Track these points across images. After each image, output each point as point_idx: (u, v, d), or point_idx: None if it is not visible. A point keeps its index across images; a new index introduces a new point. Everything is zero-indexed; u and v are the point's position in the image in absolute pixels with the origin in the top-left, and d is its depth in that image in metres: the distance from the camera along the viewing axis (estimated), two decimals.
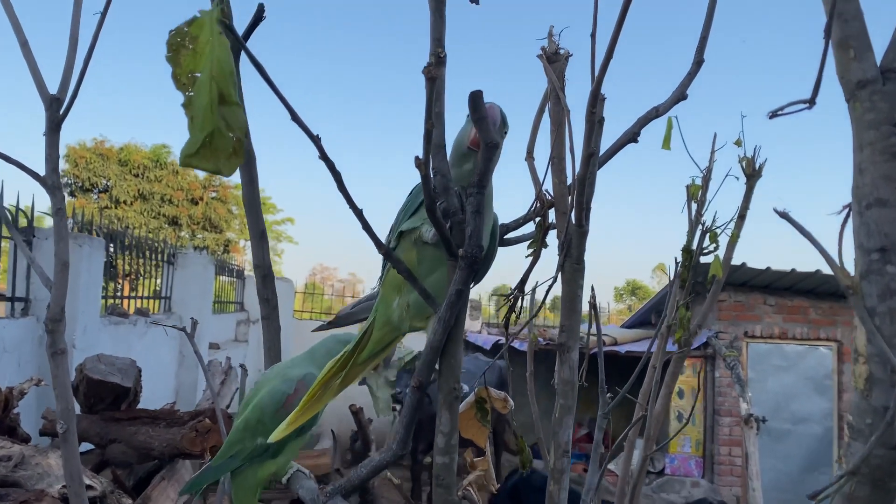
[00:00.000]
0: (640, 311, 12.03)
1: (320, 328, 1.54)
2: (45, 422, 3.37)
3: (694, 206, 2.65)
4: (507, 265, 1.83)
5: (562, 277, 1.40)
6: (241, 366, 2.14)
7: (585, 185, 1.33)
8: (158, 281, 7.41)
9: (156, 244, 7.26)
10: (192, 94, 0.95)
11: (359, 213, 1.03)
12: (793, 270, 7.79)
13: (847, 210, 0.92)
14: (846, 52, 0.81)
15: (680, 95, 1.46)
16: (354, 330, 1.49)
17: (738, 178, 2.64)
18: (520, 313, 1.60)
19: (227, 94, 0.95)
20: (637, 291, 40.82)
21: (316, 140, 0.97)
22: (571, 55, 1.52)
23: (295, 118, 0.97)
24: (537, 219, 1.49)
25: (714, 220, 2.52)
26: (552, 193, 1.48)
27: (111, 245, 6.23)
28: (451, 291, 1.04)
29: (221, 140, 0.95)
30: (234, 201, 25.42)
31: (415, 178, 1.03)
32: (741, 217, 2.65)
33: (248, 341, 9.84)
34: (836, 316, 8.37)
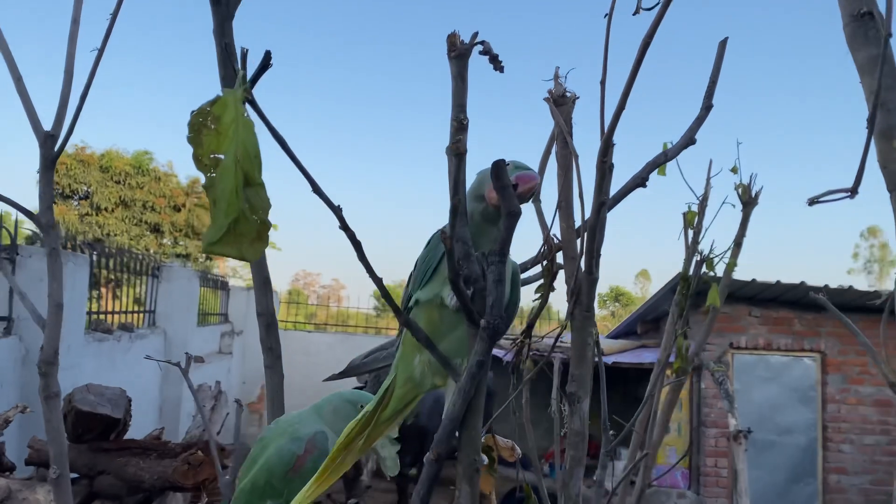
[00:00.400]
0: (626, 321, 12.04)
1: (330, 378, 1.52)
2: (31, 451, 3.29)
3: (690, 232, 2.65)
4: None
5: (571, 325, 1.38)
6: (237, 401, 2.09)
7: (596, 233, 1.31)
8: (139, 289, 7.31)
9: (141, 257, 7.17)
10: (213, 175, 0.92)
11: (378, 282, 1.01)
12: (778, 282, 7.84)
13: (889, 302, 0.91)
14: (889, 143, 0.80)
15: (688, 140, 1.45)
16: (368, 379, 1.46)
17: (734, 206, 2.65)
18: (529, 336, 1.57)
19: (252, 177, 0.92)
20: (620, 298, 40.98)
21: (337, 211, 0.95)
22: (578, 98, 1.51)
23: (316, 190, 0.94)
24: (545, 262, 1.47)
25: (712, 249, 2.53)
26: (560, 237, 1.46)
27: (94, 255, 6.15)
28: (471, 362, 1.01)
29: (246, 225, 0.93)
30: None
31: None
32: (737, 245, 2.66)
33: (232, 353, 9.75)
34: (820, 327, 8.42)
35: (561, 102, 1.48)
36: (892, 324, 6.50)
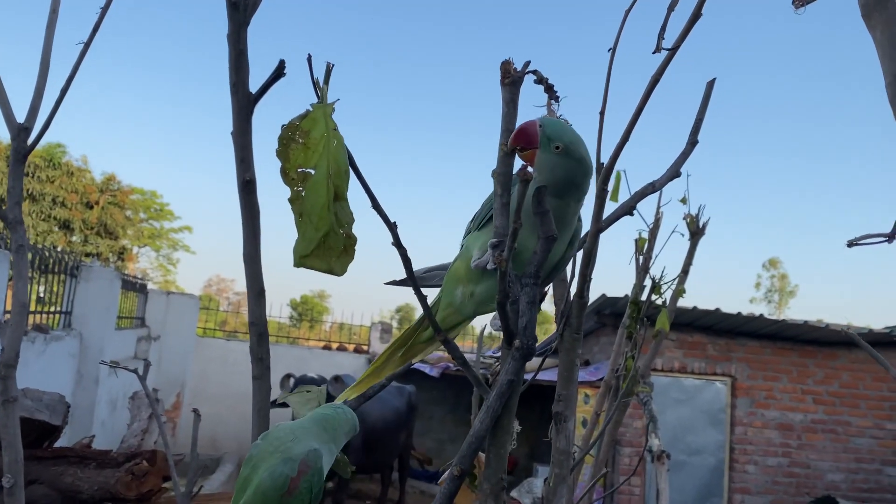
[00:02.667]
0: (546, 339, 12.28)
1: (391, 282, 1.55)
2: None
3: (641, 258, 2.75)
4: None
5: (560, 346, 1.42)
6: (195, 411, 2.03)
7: (591, 258, 1.36)
8: (42, 288, 6.95)
9: (61, 255, 6.84)
10: (301, 189, 0.91)
11: (423, 300, 1.03)
12: (694, 308, 8.16)
13: None
14: None
15: (674, 173, 1.52)
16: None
17: (682, 235, 2.77)
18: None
19: (341, 192, 0.92)
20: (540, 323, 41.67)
21: (392, 227, 0.96)
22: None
23: (376, 206, 0.95)
24: None
25: (662, 275, 2.63)
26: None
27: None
28: (501, 381, 1.04)
29: (335, 239, 0.93)
30: (131, 207, 24.37)
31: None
32: (685, 272, 2.78)
33: (148, 358, 9.39)
34: (731, 352, 8.82)
35: None
36: (804, 351, 6.81)
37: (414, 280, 1.02)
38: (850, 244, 0.78)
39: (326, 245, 0.94)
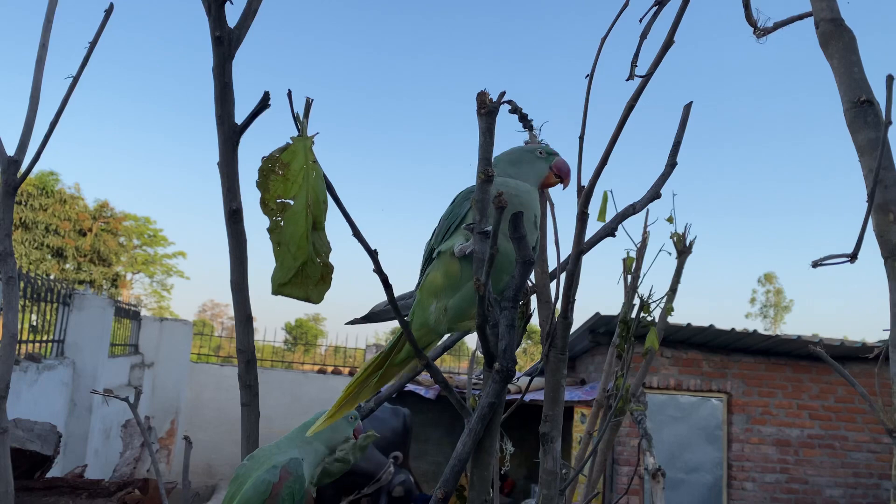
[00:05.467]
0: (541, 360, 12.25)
1: (353, 322, 1.55)
2: None
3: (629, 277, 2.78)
4: None
5: (546, 367, 1.44)
6: (186, 438, 2.03)
7: (574, 280, 1.38)
8: (35, 317, 6.93)
9: (52, 283, 6.83)
10: (279, 219, 0.94)
11: (405, 325, 1.05)
12: (688, 325, 8.18)
13: (881, 353, 1.01)
14: (886, 216, 0.91)
15: (654, 194, 1.55)
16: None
17: (670, 254, 2.80)
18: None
19: (319, 222, 0.95)
20: (533, 335, 41.61)
21: (373, 255, 0.98)
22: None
23: (356, 234, 0.97)
24: (520, 304, 1.53)
25: (650, 294, 2.65)
26: (534, 281, 1.53)
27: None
28: (482, 403, 1.05)
29: (312, 268, 0.95)
30: (124, 233, 24.35)
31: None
32: (672, 291, 2.80)
33: (142, 386, 9.35)
34: (727, 369, 8.83)
35: None
36: (786, 365, 6.82)
37: (395, 305, 1.04)
38: (815, 265, 0.81)
39: (304, 273, 0.96)
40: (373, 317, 1.50)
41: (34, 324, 6.95)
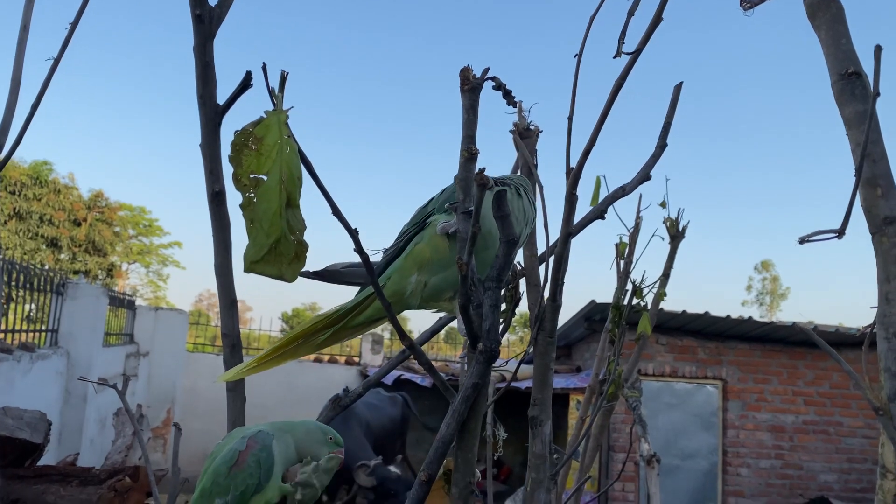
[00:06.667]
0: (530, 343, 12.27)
1: (305, 275, 1.48)
2: None
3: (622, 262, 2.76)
4: None
5: (534, 350, 1.43)
6: (176, 425, 2.02)
7: (563, 262, 1.37)
8: (29, 306, 6.91)
9: (46, 272, 6.80)
10: (252, 195, 0.92)
11: (379, 290, 1.04)
12: (683, 312, 8.18)
13: (868, 332, 1.00)
14: (874, 190, 0.89)
15: (644, 176, 1.53)
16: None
17: (663, 239, 2.78)
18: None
19: (293, 199, 0.93)
20: (529, 323, 41.70)
21: (354, 234, 0.96)
22: (542, 131, 1.57)
23: (336, 213, 0.95)
24: (508, 287, 1.51)
25: (643, 279, 2.64)
26: (523, 264, 1.51)
27: None
28: (466, 384, 1.04)
29: (286, 245, 0.93)
30: (119, 223, 24.27)
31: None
32: (665, 276, 2.79)
33: (137, 375, 9.34)
34: (722, 356, 8.85)
35: (526, 135, 1.53)
36: (783, 353, 6.85)
37: (371, 270, 1.02)
38: (802, 241, 0.79)
39: (277, 251, 0.94)
40: (326, 275, 1.45)
41: (29, 314, 6.93)
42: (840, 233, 0.78)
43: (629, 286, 2.69)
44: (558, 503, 2.96)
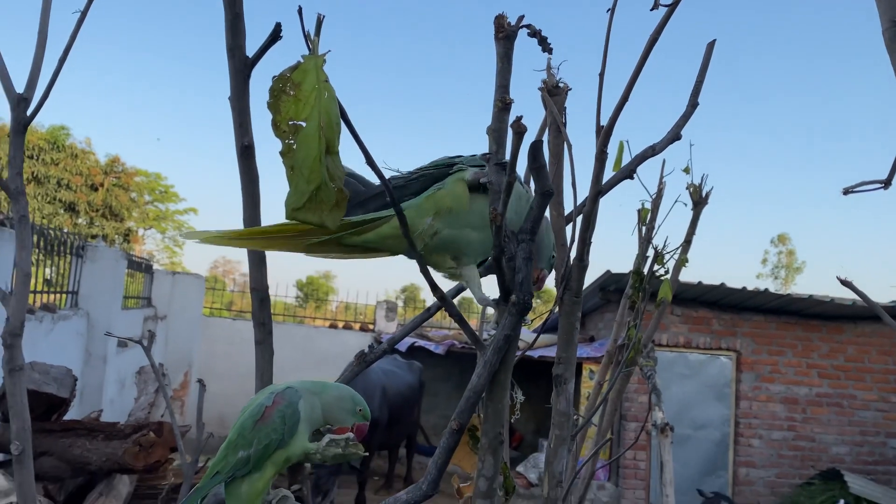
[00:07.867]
0: (553, 316, 12.31)
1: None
2: None
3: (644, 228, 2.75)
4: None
5: (560, 309, 1.43)
6: (200, 381, 2.05)
7: (591, 221, 1.36)
8: (49, 270, 6.99)
9: (65, 235, 6.86)
10: (292, 142, 0.91)
11: (401, 216, 1.03)
12: (699, 283, 8.16)
13: None
14: None
15: (674, 136, 1.51)
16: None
17: (685, 205, 2.76)
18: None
19: (332, 146, 0.92)
20: (542, 294, 41.77)
21: (388, 185, 0.96)
22: (571, 89, 1.55)
23: (370, 163, 0.95)
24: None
25: (665, 244, 2.63)
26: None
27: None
28: (498, 336, 1.04)
29: (326, 192, 0.93)
30: (135, 189, 24.40)
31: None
32: (687, 242, 2.77)
33: (155, 338, 9.45)
34: (737, 327, 8.83)
35: (555, 93, 1.52)
36: (808, 326, 6.81)
37: (395, 200, 1.00)
38: (846, 192, 0.78)
39: (318, 198, 0.94)
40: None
41: (49, 277, 7.00)
42: (887, 183, 0.77)
43: (650, 252, 2.68)
44: (574, 469, 2.98)
